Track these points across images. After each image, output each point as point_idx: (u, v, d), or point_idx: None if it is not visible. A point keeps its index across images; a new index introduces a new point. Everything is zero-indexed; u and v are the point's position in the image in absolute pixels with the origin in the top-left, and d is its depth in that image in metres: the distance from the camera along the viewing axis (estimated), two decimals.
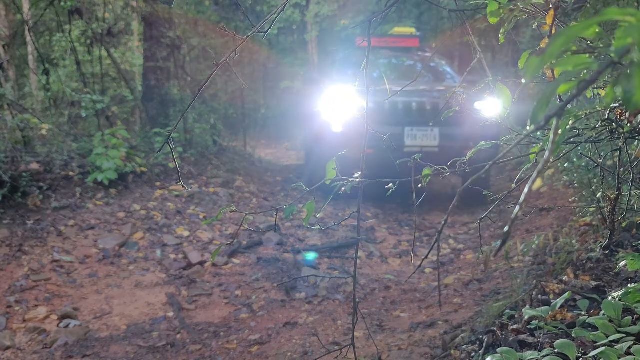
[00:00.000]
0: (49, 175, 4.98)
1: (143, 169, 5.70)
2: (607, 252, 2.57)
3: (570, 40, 0.62)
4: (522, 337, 2.16)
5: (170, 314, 3.38)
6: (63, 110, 6.40)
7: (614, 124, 1.14)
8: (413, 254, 1.13)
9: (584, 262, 2.78)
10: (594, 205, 1.75)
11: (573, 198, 3.55)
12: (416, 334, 2.90)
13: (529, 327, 2.23)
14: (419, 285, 3.80)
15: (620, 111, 1.13)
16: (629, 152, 1.27)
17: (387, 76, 7.38)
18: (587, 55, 1.09)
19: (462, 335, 2.53)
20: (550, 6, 1.13)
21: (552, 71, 1.08)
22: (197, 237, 4.59)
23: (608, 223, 1.22)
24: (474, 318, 2.79)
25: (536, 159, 1.07)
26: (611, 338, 1.89)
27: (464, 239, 5.02)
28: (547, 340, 2.06)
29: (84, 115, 6.01)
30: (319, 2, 13.40)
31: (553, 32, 1.14)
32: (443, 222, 1.18)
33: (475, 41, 1.64)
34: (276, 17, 1.20)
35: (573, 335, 2.00)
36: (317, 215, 1.27)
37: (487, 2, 1.13)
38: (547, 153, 0.82)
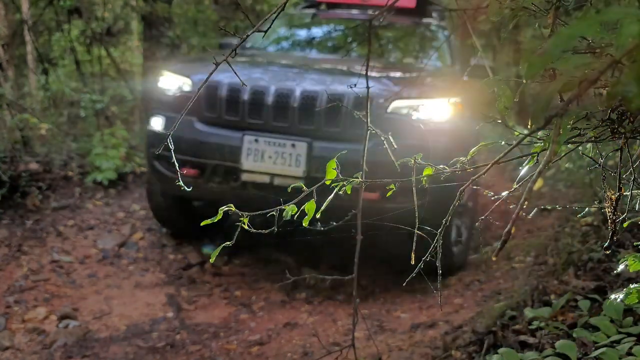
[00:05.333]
0: (48, 175, 4.97)
1: (143, 168, 5.69)
2: (608, 252, 2.57)
3: (571, 39, 0.62)
4: (523, 337, 2.16)
5: (170, 315, 3.37)
6: (62, 110, 6.39)
7: (615, 123, 1.13)
8: (413, 254, 1.12)
9: (585, 262, 2.78)
10: (595, 206, 1.74)
11: (574, 198, 3.55)
12: (417, 334, 2.89)
13: (530, 327, 2.23)
14: (420, 286, 3.79)
15: (621, 111, 1.12)
16: (630, 152, 1.26)
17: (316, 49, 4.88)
18: (589, 55, 1.08)
19: (463, 335, 2.52)
20: (551, 5, 1.12)
21: (554, 71, 1.08)
22: (197, 237, 4.58)
23: (609, 223, 1.21)
24: (475, 318, 2.78)
25: (537, 159, 1.06)
26: (612, 338, 1.88)
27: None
28: (548, 341, 2.05)
29: (83, 114, 6.00)
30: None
31: (554, 31, 1.14)
32: (444, 223, 1.17)
33: (476, 41, 1.63)
34: (276, 17, 1.19)
35: (574, 336, 1.99)
36: (317, 216, 1.26)
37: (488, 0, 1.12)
38: (548, 153, 0.81)
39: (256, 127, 3.46)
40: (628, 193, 1.22)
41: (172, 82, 3.80)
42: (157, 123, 3.77)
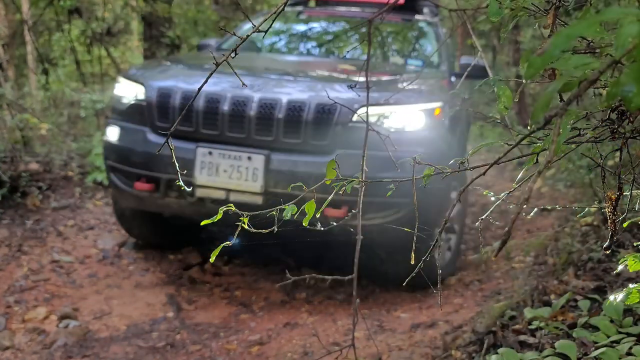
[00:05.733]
0: (48, 175, 4.97)
1: None
2: (608, 252, 2.57)
3: (571, 39, 0.62)
4: (522, 337, 2.16)
5: (170, 314, 3.37)
6: (62, 110, 6.40)
7: (615, 123, 1.13)
8: (413, 255, 1.11)
9: (585, 262, 2.78)
10: (595, 206, 1.74)
11: (574, 198, 3.54)
12: (417, 334, 2.89)
13: (529, 327, 2.23)
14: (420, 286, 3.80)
15: (621, 111, 1.12)
16: (630, 152, 1.26)
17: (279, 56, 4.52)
18: (588, 55, 1.08)
19: (463, 335, 2.52)
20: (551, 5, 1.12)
21: (553, 71, 1.08)
22: (197, 237, 4.58)
23: (609, 223, 1.21)
24: (475, 318, 2.78)
25: (537, 159, 1.06)
26: (612, 338, 1.89)
27: (464, 239, 5.01)
28: (548, 341, 2.05)
29: (83, 114, 6.00)
30: None
31: (554, 31, 1.14)
32: (444, 223, 1.18)
33: (476, 41, 1.63)
34: (276, 17, 1.19)
35: (574, 336, 1.99)
36: (317, 215, 1.25)
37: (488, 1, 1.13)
38: (548, 153, 0.81)
39: (210, 138, 3.21)
40: (628, 193, 1.22)
41: (126, 89, 3.55)
42: (112, 133, 3.53)
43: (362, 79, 3.67)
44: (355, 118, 3.11)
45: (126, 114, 3.51)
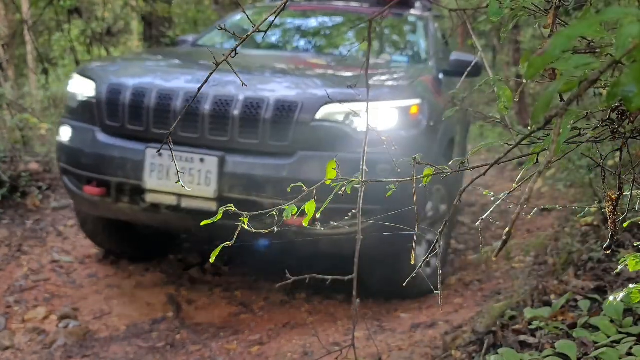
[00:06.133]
0: (48, 175, 4.97)
1: None
2: (608, 252, 2.57)
3: (571, 40, 0.62)
4: (523, 337, 2.16)
5: (170, 314, 3.37)
6: (62, 110, 6.39)
7: (615, 123, 1.13)
8: (413, 254, 1.11)
9: (585, 262, 2.78)
10: (595, 206, 1.74)
11: (574, 198, 3.54)
12: (417, 334, 2.90)
13: (529, 327, 2.23)
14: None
15: (621, 111, 1.12)
16: (630, 152, 1.26)
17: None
18: (589, 55, 1.08)
19: (463, 335, 2.52)
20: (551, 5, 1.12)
21: (553, 71, 1.08)
22: (197, 237, 4.58)
23: (609, 223, 1.21)
24: (475, 318, 2.78)
25: (537, 159, 1.06)
26: (612, 338, 1.89)
27: (464, 239, 5.01)
28: (548, 341, 2.05)
29: None
30: None
31: (554, 31, 1.14)
32: (444, 222, 1.18)
33: (476, 41, 1.63)
34: (275, 17, 1.19)
35: (574, 336, 1.99)
36: (318, 216, 1.26)
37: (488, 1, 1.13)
38: (549, 153, 0.81)
39: (162, 138, 2.88)
40: (628, 193, 1.22)
41: (79, 86, 3.33)
42: (64, 133, 3.32)
43: (342, 72, 3.49)
44: (318, 116, 2.90)
45: (77, 113, 3.32)
